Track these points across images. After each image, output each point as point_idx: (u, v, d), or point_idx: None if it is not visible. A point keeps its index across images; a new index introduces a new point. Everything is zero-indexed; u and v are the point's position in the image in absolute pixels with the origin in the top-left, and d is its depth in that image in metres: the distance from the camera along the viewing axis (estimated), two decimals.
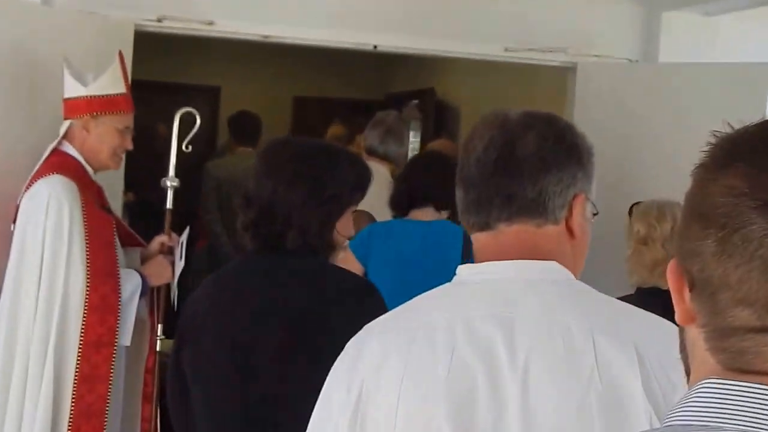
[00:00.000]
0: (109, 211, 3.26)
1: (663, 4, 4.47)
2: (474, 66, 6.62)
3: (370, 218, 3.81)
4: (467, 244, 3.54)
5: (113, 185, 3.66)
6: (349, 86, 9.22)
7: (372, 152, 4.39)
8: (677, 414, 0.87)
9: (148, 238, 3.40)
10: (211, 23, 4.12)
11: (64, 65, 3.18)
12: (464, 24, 4.37)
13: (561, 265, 1.45)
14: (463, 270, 1.51)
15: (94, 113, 3.14)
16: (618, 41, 4.52)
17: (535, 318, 1.39)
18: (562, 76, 4.69)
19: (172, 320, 3.36)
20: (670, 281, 0.92)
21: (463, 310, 1.43)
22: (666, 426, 0.88)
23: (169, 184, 3.38)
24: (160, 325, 3.33)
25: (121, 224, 3.38)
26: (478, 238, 1.52)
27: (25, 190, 3.06)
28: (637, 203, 3.12)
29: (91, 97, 3.14)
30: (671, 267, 0.92)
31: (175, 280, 3.34)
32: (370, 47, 4.36)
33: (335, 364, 1.50)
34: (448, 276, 3.02)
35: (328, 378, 1.49)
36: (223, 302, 2.22)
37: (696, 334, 0.89)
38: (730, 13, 4.38)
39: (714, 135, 0.92)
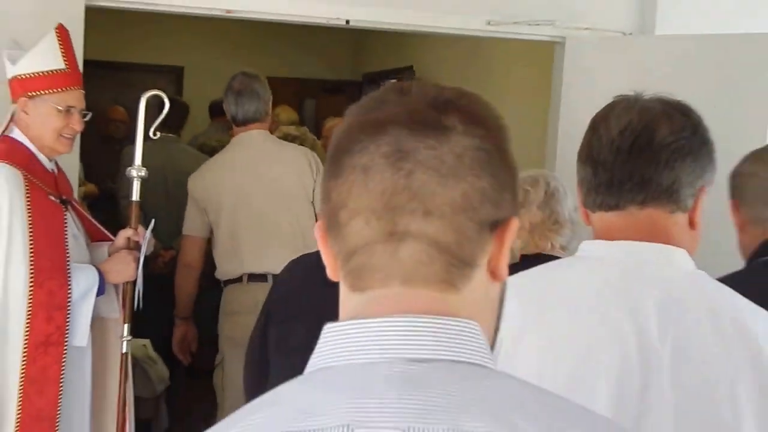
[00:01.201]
0: (65, 201, 3.18)
1: None
2: (455, 42, 6.61)
3: None
4: None
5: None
6: (324, 66, 9.20)
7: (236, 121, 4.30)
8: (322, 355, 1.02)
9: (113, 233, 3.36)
10: None
11: (6, 47, 3.13)
12: None
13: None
14: (593, 247, 1.68)
15: (30, 93, 3.06)
16: (610, 13, 4.50)
17: (689, 298, 1.59)
18: (550, 51, 4.67)
19: (139, 319, 3.36)
20: (318, 241, 1.07)
21: (600, 284, 1.62)
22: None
23: (135, 173, 3.30)
24: (126, 326, 3.28)
25: (85, 218, 3.33)
26: (604, 218, 1.67)
27: None
28: None
29: (23, 76, 3.06)
30: (317, 227, 1.07)
31: (140, 277, 3.28)
32: (343, 22, 4.29)
33: None
34: None
35: None
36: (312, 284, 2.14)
37: (342, 278, 1.04)
38: None
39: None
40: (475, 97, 1.07)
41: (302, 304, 2.20)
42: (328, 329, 1.02)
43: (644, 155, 1.61)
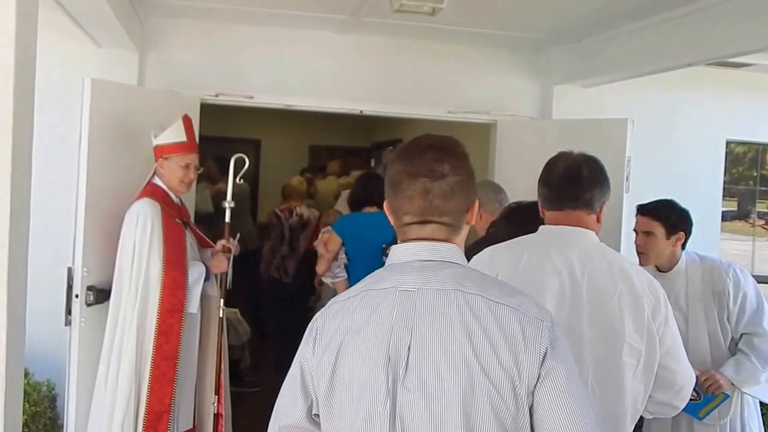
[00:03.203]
0: (185, 223, 3.17)
1: (554, 81, 4.47)
2: (428, 123, 6.60)
3: (339, 213, 4.08)
4: None
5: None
6: (346, 138, 9.20)
7: None
8: (391, 258, 1.37)
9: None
10: (251, 97, 4.10)
11: (154, 127, 3.14)
12: (421, 95, 4.35)
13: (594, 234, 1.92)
14: (547, 228, 1.90)
15: (163, 156, 3.08)
16: (524, 105, 4.49)
17: (595, 254, 1.84)
18: (487, 128, 4.66)
19: (232, 296, 3.35)
20: (387, 213, 1.40)
21: (549, 246, 1.87)
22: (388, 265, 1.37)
23: (227, 205, 3.28)
24: (222, 300, 3.27)
25: (198, 234, 3.32)
26: (553, 215, 1.91)
27: (127, 209, 3.01)
28: None
29: (160, 145, 3.09)
30: (386, 207, 1.39)
31: (230, 270, 3.26)
32: (358, 112, 4.34)
33: None
34: (386, 241, 3.41)
35: None
36: None
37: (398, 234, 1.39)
38: (598, 86, 4.39)
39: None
40: (453, 147, 1.37)
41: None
42: (393, 248, 1.37)
43: (576, 183, 1.87)
